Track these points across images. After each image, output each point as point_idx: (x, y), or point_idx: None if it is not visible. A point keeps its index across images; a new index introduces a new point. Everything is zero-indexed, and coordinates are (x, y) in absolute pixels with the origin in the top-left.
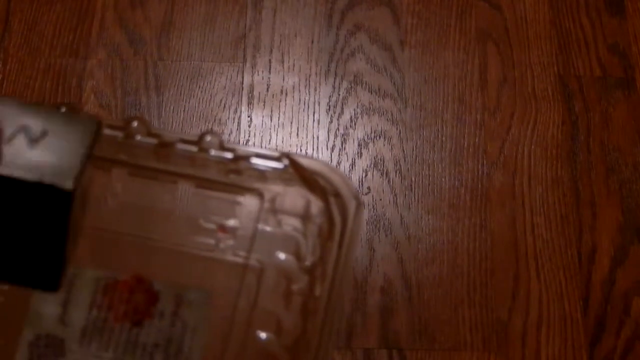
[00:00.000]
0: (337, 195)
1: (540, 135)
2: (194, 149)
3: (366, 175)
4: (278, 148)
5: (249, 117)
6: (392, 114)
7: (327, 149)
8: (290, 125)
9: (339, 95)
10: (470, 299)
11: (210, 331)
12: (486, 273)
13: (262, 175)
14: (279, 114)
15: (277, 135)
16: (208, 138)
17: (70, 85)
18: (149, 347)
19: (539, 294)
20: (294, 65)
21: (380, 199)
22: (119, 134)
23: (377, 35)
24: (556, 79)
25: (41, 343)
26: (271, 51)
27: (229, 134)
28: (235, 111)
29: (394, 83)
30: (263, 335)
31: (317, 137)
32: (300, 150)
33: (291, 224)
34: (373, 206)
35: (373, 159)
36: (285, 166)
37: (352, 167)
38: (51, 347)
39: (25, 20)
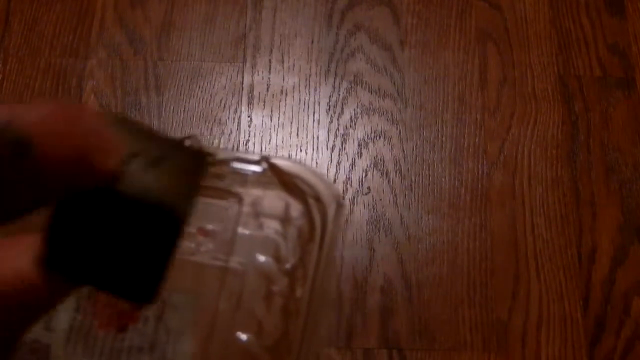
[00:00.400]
0: (317, 197)
1: (540, 135)
2: None
3: (366, 175)
4: (278, 148)
5: (249, 117)
6: (392, 114)
7: (327, 149)
8: (290, 125)
9: (339, 95)
10: (470, 299)
11: (193, 334)
12: (486, 273)
13: (242, 178)
14: (279, 114)
15: (277, 135)
16: (187, 143)
17: (70, 85)
18: (134, 352)
19: (539, 294)
20: (294, 65)
21: (380, 199)
22: None
23: (377, 35)
24: (556, 79)
25: (26, 349)
26: (271, 51)
27: (229, 134)
28: (235, 111)
29: (394, 83)
30: (244, 336)
31: (317, 137)
32: (301, 150)
33: (271, 226)
34: (373, 206)
35: (373, 159)
36: (265, 169)
37: (352, 167)
38: (36, 353)
39: (25, 20)
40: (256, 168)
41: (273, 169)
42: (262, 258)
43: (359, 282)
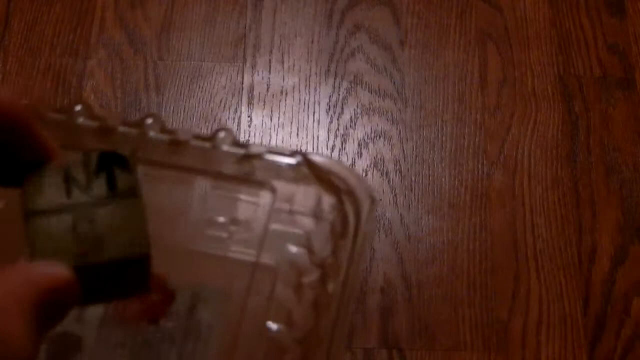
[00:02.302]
0: (351, 193)
1: (540, 135)
2: (207, 145)
3: (366, 175)
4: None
5: (249, 117)
6: (392, 114)
7: (327, 149)
8: (290, 125)
9: (339, 95)
10: (470, 299)
11: (224, 327)
12: (486, 273)
13: (275, 172)
14: (279, 114)
15: (277, 135)
16: (221, 134)
17: (70, 85)
18: (166, 343)
19: (539, 294)
20: (294, 65)
21: (380, 199)
22: (134, 131)
23: (377, 35)
24: (556, 79)
25: (58, 340)
26: (271, 51)
27: None
28: (235, 111)
29: (394, 83)
30: (274, 326)
31: (317, 137)
32: (301, 150)
33: (304, 220)
34: None
35: (373, 159)
36: (299, 163)
37: (352, 167)
38: (68, 345)
39: (25, 20)
40: (290, 161)
41: (307, 163)
42: (294, 249)
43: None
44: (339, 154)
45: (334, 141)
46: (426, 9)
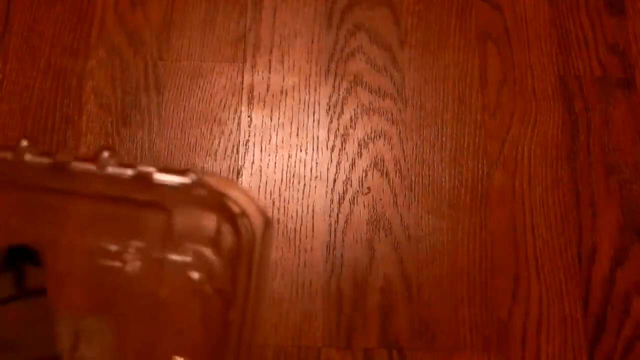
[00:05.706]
0: (244, 214)
1: (540, 135)
2: (91, 167)
3: (366, 175)
4: (278, 148)
5: (249, 117)
6: (392, 114)
7: (327, 149)
8: (290, 125)
9: (339, 95)
10: (470, 299)
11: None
12: (486, 273)
13: (167, 193)
14: (279, 114)
15: (277, 135)
16: (105, 154)
17: (70, 85)
18: None
19: (539, 294)
20: (294, 65)
21: (380, 199)
22: (8, 155)
23: (377, 35)
24: (556, 79)
25: None
26: (271, 51)
27: (229, 134)
28: (235, 111)
29: (394, 83)
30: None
31: (317, 137)
32: (301, 150)
33: (197, 245)
34: (373, 206)
35: (373, 159)
36: (193, 184)
37: (352, 167)
38: None
39: (25, 20)
40: (184, 180)
41: (201, 185)
42: (194, 275)
43: (359, 282)
44: (339, 154)
45: (334, 141)
46: (426, 9)
